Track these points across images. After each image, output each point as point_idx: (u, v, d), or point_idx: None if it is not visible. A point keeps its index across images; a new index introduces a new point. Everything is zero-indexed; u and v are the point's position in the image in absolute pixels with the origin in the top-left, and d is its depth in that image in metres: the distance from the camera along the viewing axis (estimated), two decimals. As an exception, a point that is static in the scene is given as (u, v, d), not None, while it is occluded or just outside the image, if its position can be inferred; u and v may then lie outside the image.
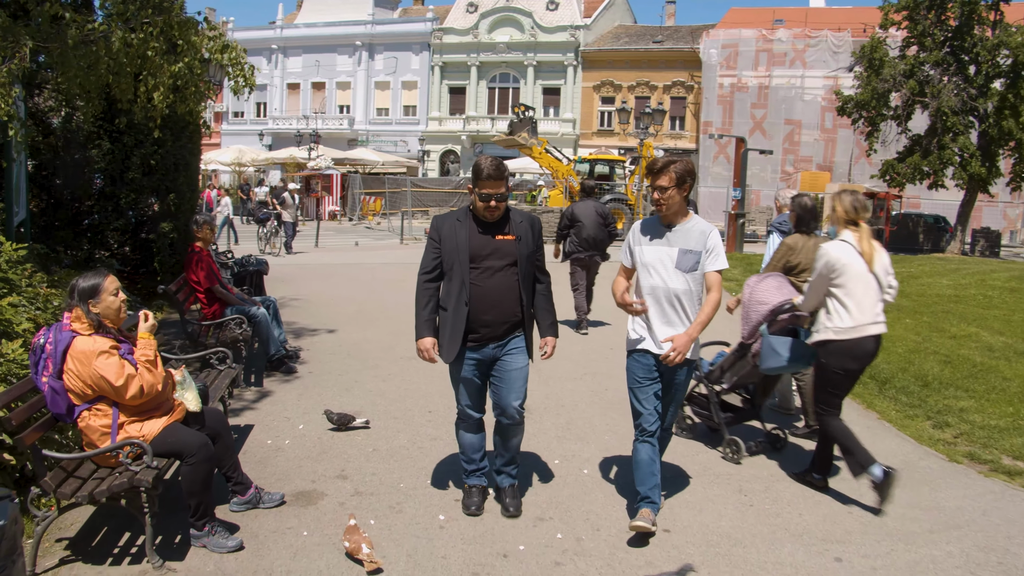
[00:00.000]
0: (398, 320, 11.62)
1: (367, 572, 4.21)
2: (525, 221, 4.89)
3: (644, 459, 4.86)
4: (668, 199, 4.70)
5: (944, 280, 20.84)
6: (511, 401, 4.89)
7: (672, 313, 4.76)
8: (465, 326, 4.75)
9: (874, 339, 5.56)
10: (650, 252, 4.80)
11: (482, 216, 4.77)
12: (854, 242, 5.52)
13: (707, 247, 4.75)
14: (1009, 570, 4.49)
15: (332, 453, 5.98)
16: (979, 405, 8.07)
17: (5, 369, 4.54)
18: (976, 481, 6.02)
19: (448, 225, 4.85)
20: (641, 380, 4.85)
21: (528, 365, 4.97)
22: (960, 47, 31.10)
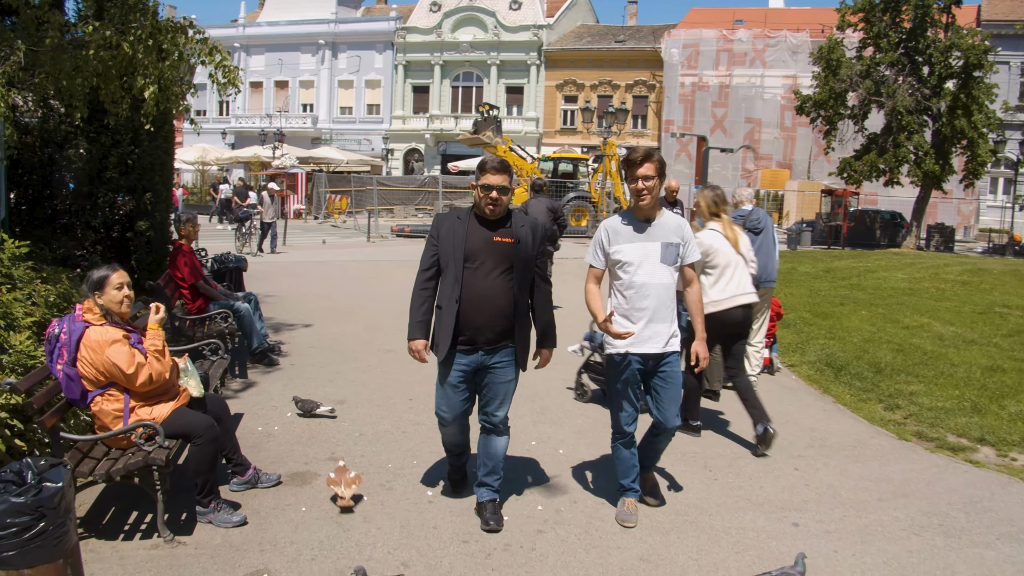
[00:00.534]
0: (372, 315, 11.93)
1: (339, 508, 4.91)
2: (527, 225, 4.82)
3: (625, 456, 4.96)
4: (653, 188, 4.65)
5: (899, 274, 21.48)
6: (496, 411, 4.89)
7: (660, 309, 4.73)
8: (455, 325, 4.68)
9: (742, 308, 6.54)
10: (632, 249, 4.73)
11: (483, 210, 4.70)
12: (720, 230, 6.64)
13: (684, 238, 4.79)
14: (949, 531, 4.92)
15: (321, 438, 6.29)
16: (928, 389, 8.56)
17: (15, 359, 4.79)
18: (923, 456, 6.47)
19: (448, 223, 4.77)
20: (625, 383, 4.82)
21: (516, 379, 4.93)
22: (914, 48, 31.84)
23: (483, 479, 4.99)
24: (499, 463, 4.98)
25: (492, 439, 4.97)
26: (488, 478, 4.97)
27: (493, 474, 4.97)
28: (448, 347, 4.70)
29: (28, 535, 2.67)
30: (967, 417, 7.52)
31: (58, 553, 2.74)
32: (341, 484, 4.88)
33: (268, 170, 42.21)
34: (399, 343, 9.75)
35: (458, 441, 5.14)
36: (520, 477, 5.55)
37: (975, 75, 30.81)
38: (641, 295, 4.73)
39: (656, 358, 4.81)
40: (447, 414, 4.90)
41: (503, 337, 4.78)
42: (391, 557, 4.35)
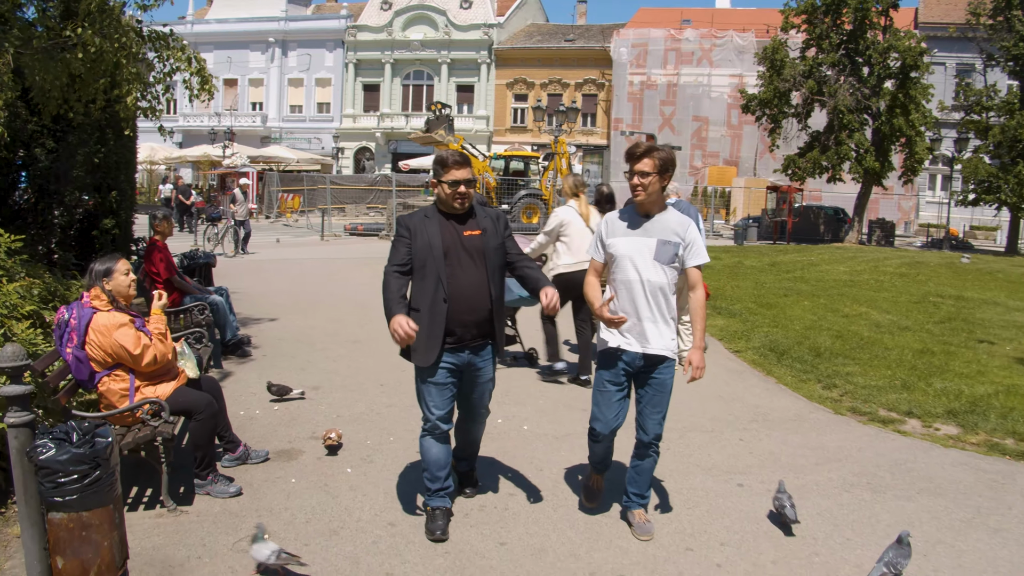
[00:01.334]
0: (334, 309, 12.31)
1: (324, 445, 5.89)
2: (489, 216, 4.81)
3: (600, 452, 4.91)
4: (649, 184, 4.48)
5: (841, 267, 22.33)
6: (479, 404, 4.93)
7: (649, 307, 4.53)
8: (443, 327, 4.56)
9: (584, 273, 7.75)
10: (626, 244, 4.58)
11: (451, 206, 4.63)
12: (576, 207, 8.17)
13: (686, 239, 4.54)
14: (875, 487, 5.51)
15: (301, 420, 6.69)
16: (862, 370, 9.19)
17: (21, 344, 5.13)
18: (856, 428, 7.07)
19: (416, 221, 4.65)
20: (608, 382, 4.69)
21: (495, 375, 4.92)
22: (854, 49, 32.91)
23: (460, 455, 5.20)
24: (477, 444, 5.21)
25: (472, 425, 5.08)
26: (464, 453, 5.22)
27: (470, 447, 5.21)
28: (438, 350, 4.57)
29: (86, 482, 3.07)
30: (897, 394, 8.14)
31: (109, 499, 3.13)
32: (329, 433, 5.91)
33: (218, 169, 42.08)
34: (364, 334, 10.26)
35: (443, 458, 4.77)
36: (489, 450, 5.99)
37: (912, 76, 31.91)
38: (630, 291, 4.56)
39: (645, 359, 4.59)
40: (435, 413, 4.67)
41: (486, 333, 4.74)
42: (378, 518, 4.80)
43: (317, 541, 4.49)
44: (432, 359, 4.58)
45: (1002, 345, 11.25)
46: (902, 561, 4.10)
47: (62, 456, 3.04)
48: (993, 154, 33.34)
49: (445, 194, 4.62)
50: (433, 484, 4.75)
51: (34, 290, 6.54)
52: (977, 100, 34.11)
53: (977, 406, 7.68)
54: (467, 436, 5.13)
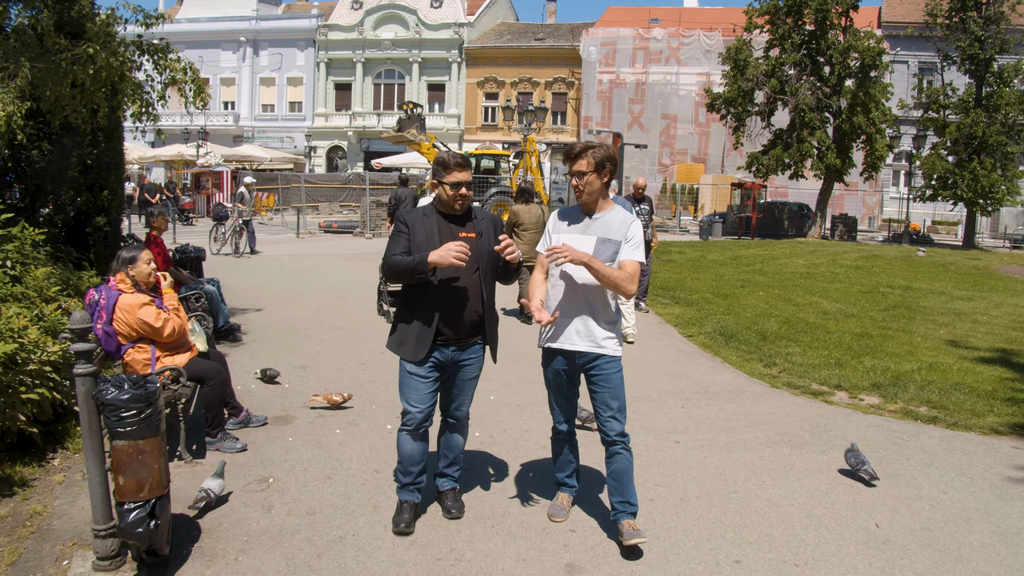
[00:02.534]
0: (315, 300, 13.07)
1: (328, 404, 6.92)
2: (487, 219, 4.86)
3: (560, 452, 4.99)
4: (587, 184, 4.48)
5: (800, 260, 23.30)
6: (460, 407, 4.97)
7: (586, 306, 4.55)
8: (435, 324, 4.64)
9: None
10: (568, 240, 4.53)
11: (451, 207, 4.69)
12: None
13: (627, 236, 4.51)
14: (795, 444, 6.38)
15: (293, 393, 7.49)
16: (802, 351, 10.08)
17: (51, 323, 5.86)
18: (788, 398, 7.96)
19: (415, 218, 4.73)
20: (553, 382, 4.77)
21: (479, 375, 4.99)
22: (816, 49, 33.89)
23: (444, 470, 5.12)
24: (460, 455, 5.11)
25: (454, 435, 5.07)
26: (449, 469, 5.10)
27: (454, 465, 5.10)
28: (429, 346, 4.63)
29: (142, 416, 3.83)
30: (830, 370, 9.03)
31: (157, 432, 3.89)
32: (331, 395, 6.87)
33: (192, 168, 42.50)
34: (344, 322, 11.07)
35: (418, 455, 4.85)
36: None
37: (871, 75, 32.95)
38: (566, 289, 4.58)
39: (582, 357, 4.60)
40: (416, 407, 4.74)
41: (475, 332, 4.80)
42: (364, 467, 5.61)
43: (314, 483, 5.30)
44: (422, 355, 4.64)
45: (936, 329, 12.20)
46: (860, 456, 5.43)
47: (123, 396, 3.82)
48: (950, 151, 34.51)
49: (447, 195, 4.67)
50: (405, 478, 4.86)
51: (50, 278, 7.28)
52: (934, 98, 35.27)
53: (900, 380, 8.59)
54: (449, 442, 5.09)
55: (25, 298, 6.05)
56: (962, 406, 7.67)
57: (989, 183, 32.91)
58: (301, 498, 5.06)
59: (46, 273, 6.67)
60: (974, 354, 10.28)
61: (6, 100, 6.89)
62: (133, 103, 8.24)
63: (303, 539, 4.51)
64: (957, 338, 11.45)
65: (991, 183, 32.94)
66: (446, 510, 4.97)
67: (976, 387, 8.38)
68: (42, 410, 5.46)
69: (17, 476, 5.20)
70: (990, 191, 33.17)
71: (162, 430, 3.95)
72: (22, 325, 5.36)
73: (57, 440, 5.83)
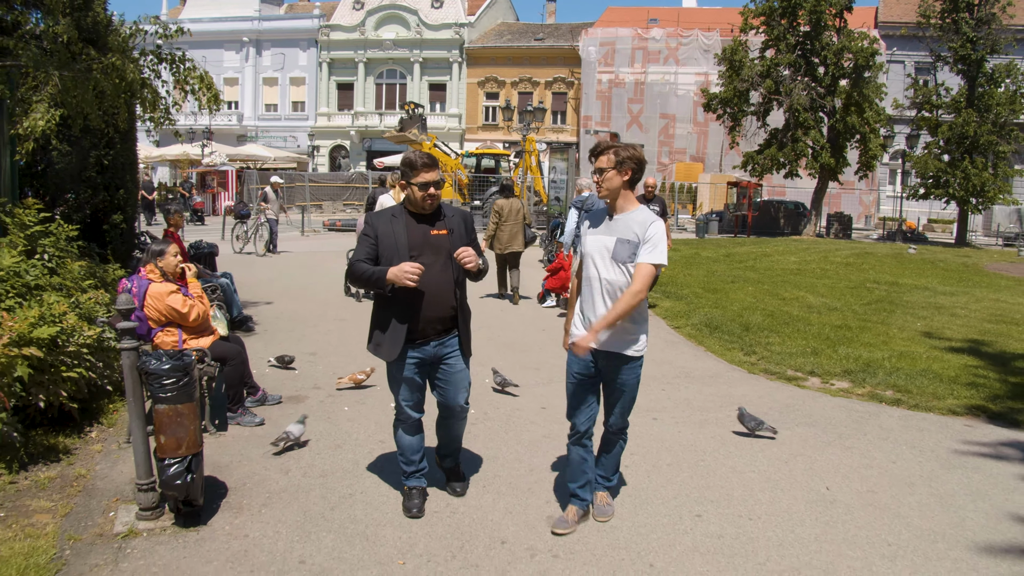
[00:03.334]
0: (320, 295, 13.70)
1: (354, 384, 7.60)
2: (457, 215, 4.94)
3: (575, 459, 4.87)
4: (605, 180, 4.52)
5: (792, 257, 23.85)
6: (458, 400, 5.05)
7: (607, 306, 4.54)
8: (408, 323, 4.73)
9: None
10: (591, 241, 4.64)
11: (420, 207, 4.77)
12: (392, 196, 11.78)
13: (645, 237, 4.49)
14: (766, 416, 6.95)
15: (304, 376, 8.13)
16: (782, 340, 10.67)
17: (86, 310, 6.48)
18: (763, 383, 8.57)
19: (383, 222, 4.80)
20: (576, 377, 4.74)
21: (468, 367, 5.08)
22: (810, 50, 34.46)
23: (443, 452, 5.35)
24: (458, 440, 5.29)
25: (452, 425, 5.21)
26: (451, 454, 5.33)
27: (455, 452, 5.34)
28: (401, 345, 4.75)
29: (180, 384, 4.43)
30: (806, 358, 9.63)
31: (193, 398, 4.50)
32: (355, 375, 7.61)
33: (198, 168, 43.09)
34: (348, 314, 11.71)
35: (415, 445, 5.05)
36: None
37: (865, 75, 33.52)
38: (591, 289, 4.62)
39: (606, 357, 4.65)
40: (406, 403, 4.94)
41: (452, 325, 4.91)
42: (371, 438, 6.24)
43: (326, 452, 5.93)
44: (396, 354, 4.76)
45: (914, 322, 12.78)
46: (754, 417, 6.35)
47: (164, 366, 4.43)
48: (943, 150, 35.10)
49: (415, 196, 4.75)
50: (409, 467, 5.04)
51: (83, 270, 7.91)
52: (927, 98, 35.85)
53: (870, 367, 9.18)
54: (448, 433, 5.23)
55: (62, 288, 6.66)
56: (925, 390, 8.25)
57: (980, 182, 33.53)
58: (315, 463, 5.68)
59: (80, 266, 7.29)
60: (946, 344, 10.86)
61: (41, 109, 7.50)
62: (153, 110, 8.83)
63: (318, 496, 5.14)
64: (933, 330, 12.02)
65: (982, 182, 33.56)
66: (452, 489, 5.22)
67: (941, 373, 8.96)
68: (79, 388, 6.07)
69: (60, 445, 5.81)
70: (981, 190, 33.79)
71: (196, 397, 4.56)
72: (62, 311, 5.97)
73: (92, 416, 6.45)
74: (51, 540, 4.45)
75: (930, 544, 4.73)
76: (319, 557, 4.35)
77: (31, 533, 4.51)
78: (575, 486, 4.87)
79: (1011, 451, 6.50)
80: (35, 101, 7.66)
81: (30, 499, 4.97)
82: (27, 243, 7.01)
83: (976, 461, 6.21)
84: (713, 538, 4.71)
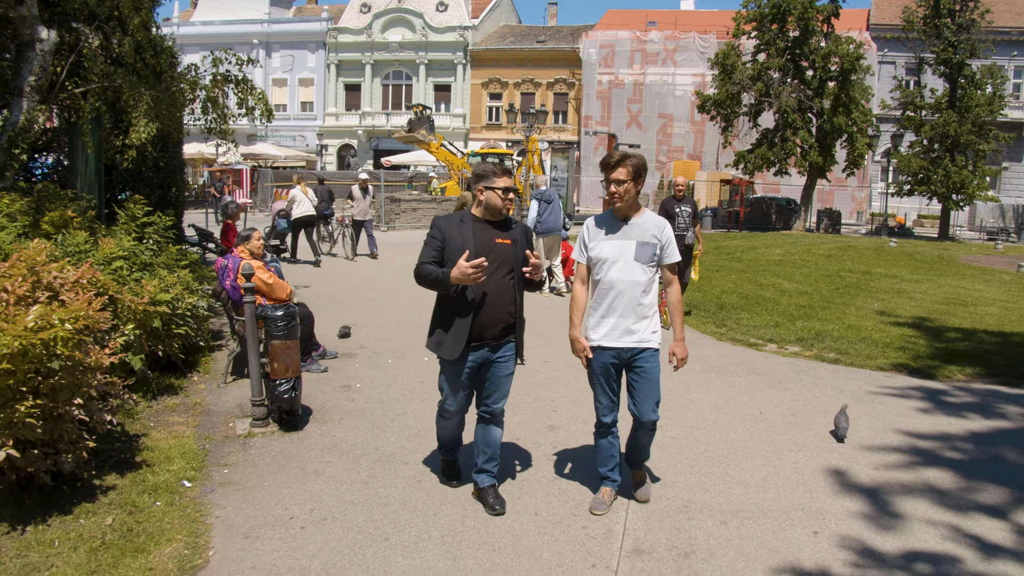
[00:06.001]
0: (349, 280, 15.51)
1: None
2: (519, 228, 5.12)
3: (603, 444, 5.24)
4: (625, 192, 4.81)
5: (777, 250, 25.36)
6: (496, 402, 5.18)
7: (631, 305, 4.88)
8: (469, 325, 4.92)
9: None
10: (608, 246, 4.92)
11: (499, 210, 5.00)
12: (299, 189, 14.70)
13: (662, 240, 4.90)
14: (721, 372, 8.74)
15: (350, 342, 9.93)
16: (750, 317, 12.41)
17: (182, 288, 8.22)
18: (727, 347, 10.33)
19: (451, 225, 4.99)
20: (601, 376, 5.03)
21: (515, 370, 5.24)
22: (799, 54, 36.11)
23: (482, 466, 5.27)
24: (496, 451, 5.27)
25: (491, 428, 5.25)
26: (487, 464, 5.26)
27: (492, 461, 5.26)
28: (463, 345, 4.93)
29: (289, 325, 6.22)
30: (767, 330, 11.37)
31: (296, 336, 6.29)
32: None
33: (213, 167, 44.71)
34: (377, 295, 13.56)
35: (455, 435, 5.42)
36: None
37: (851, 78, 35.16)
38: (614, 291, 4.89)
39: (628, 352, 4.96)
40: (453, 407, 5.18)
41: (507, 333, 5.07)
42: (413, 379, 8.07)
43: (380, 387, 7.77)
44: (457, 353, 4.94)
45: (872, 303, 14.50)
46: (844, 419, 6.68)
47: (279, 313, 6.23)
48: (925, 149, 36.80)
49: (496, 200, 4.97)
50: (446, 452, 5.58)
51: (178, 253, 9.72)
52: (911, 100, 37.53)
53: (820, 335, 10.92)
54: (486, 437, 5.27)
55: (166, 266, 8.44)
56: (861, 352, 10.00)
57: (960, 179, 35.23)
58: (373, 394, 7.50)
59: (177, 249, 9.08)
60: (893, 320, 12.58)
61: (142, 124, 9.29)
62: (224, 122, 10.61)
63: (379, 413, 6.95)
64: (887, 309, 13.73)
65: (962, 179, 35.25)
66: (489, 507, 5.15)
67: (880, 340, 10.70)
68: (184, 343, 7.85)
69: (175, 385, 7.60)
70: (961, 187, 35.46)
71: (298, 335, 6.35)
72: (172, 282, 7.75)
73: (191, 366, 8.25)
74: (192, 440, 6.24)
75: (828, 444, 6.53)
76: (387, 447, 6.17)
77: (177, 435, 6.30)
78: (605, 469, 5.27)
79: (915, 392, 8.26)
80: (134, 117, 9.44)
81: (167, 416, 6.77)
82: (138, 230, 8.80)
83: (883, 398, 7.99)
84: (668, 439, 6.49)
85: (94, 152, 10.90)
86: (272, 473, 5.63)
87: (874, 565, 4.50)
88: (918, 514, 5.18)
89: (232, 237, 11.85)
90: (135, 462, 5.63)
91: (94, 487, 5.14)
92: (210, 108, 10.67)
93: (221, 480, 5.48)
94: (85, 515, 4.78)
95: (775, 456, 6.22)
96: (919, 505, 5.32)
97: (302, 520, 4.91)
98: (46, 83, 9.42)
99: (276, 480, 5.50)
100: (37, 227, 7.98)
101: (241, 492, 5.29)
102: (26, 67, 9.26)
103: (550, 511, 5.17)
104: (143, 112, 9.48)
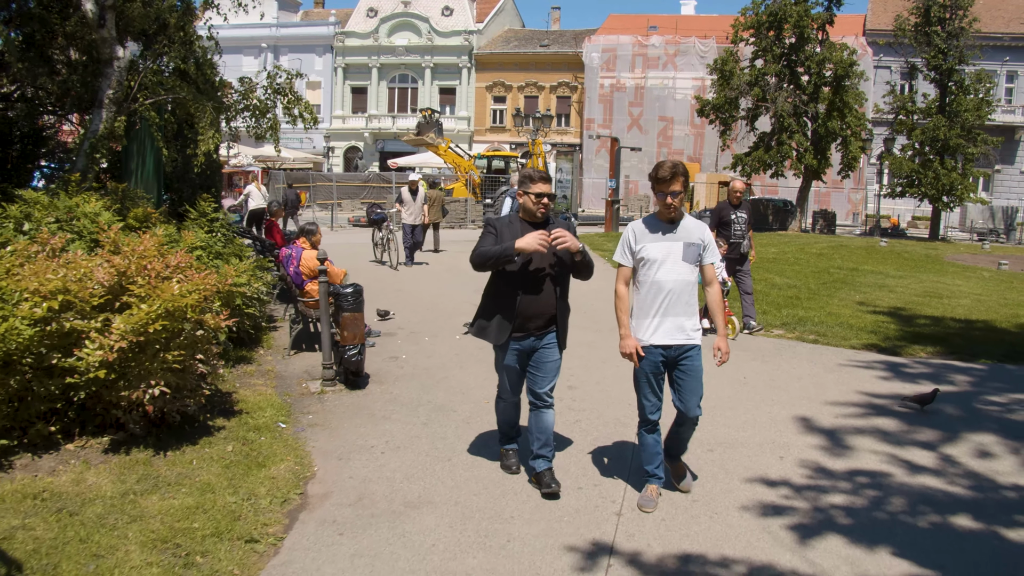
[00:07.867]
0: (372, 273, 16.81)
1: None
2: (562, 226, 5.29)
3: (649, 442, 5.41)
4: (681, 201, 5.08)
5: (772, 249, 26.42)
6: (544, 387, 5.50)
7: (679, 303, 5.12)
8: (513, 315, 5.29)
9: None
10: (657, 248, 5.12)
11: (533, 214, 5.34)
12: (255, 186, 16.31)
13: (704, 240, 5.16)
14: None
15: (389, 324, 11.28)
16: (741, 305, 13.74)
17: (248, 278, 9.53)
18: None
19: (503, 224, 5.40)
20: (650, 375, 5.24)
21: (560, 357, 5.55)
22: (795, 60, 37.39)
23: (539, 452, 5.60)
24: (550, 436, 5.58)
25: (542, 413, 5.57)
26: (543, 450, 5.58)
27: (546, 446, 5.58)
28: (508, 333, 5.34)
29: (357, 299, 7.57)
30: (757, 317, 12.69)
31: (362, 309, 7.64)
32: None
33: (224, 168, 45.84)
34: (403, 287, 14.88)
35: (513, 418, 5.85)
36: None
37: (845, 83, 36.45)
38: (663, 290, 5.09)
39: (677, 349, 5.18)
40: (507, 384, 5.63)
41: (550, 324, 5.42)
42: (449, 351, 9.45)
43: (422, 358, 9.14)
44: (503, 339, 5.37)
45: (855, 295, 15.79)
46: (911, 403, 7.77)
47: (347, 289, 7.59)
48: (916, 152, 38.11)
49: (530, 203, 5.34)
50: (506, 439, 5.99)
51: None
52: (902, 104, 38.84)
53: (802, 321, 12.25)
54: (539, 423, 5.58)
55: (236, 255, 9.79)
56: (838, 334, 11.33)
57: (949, 182, 36.54)
58: (418, 363, 8.88)
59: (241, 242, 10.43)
60: (871, 309, 13.88)
61: (208, 134, 10.62)
62: (275, 131, 11.94)
63: (425, 376, 8.34)
64: (867, 300, 15.01)
65: (951, 182, 36.56)
66: (546, 485, 5.44)
67: (856, 325, 12.03)
68: (252, 321, 9.20)
69: (247, 356, 8.95)
70: (951, 189, 36.78)
71: (363, 308, 7.70)
72: (243, 268, 9.09)
73: (256, 341, 9.59)
74: (275, 396, 7.59)
75: (801, 399, 7.90)
76: (437, 400, 7.55)
77: (261, 393, 7.65)
78: (652, 467, 5.44)
79: (880, 365, 9.61)
80: (201, 127, 10.78)
81: (248, 379, 8.12)
82: (208, 225, 10.15)
83: (851, 369, 9.35)
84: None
85: (153, 156, 12.22)
86: (348, 418, 7.00)
87: (824, 478, 5.87)
88: (865, 447, 6.56)
89: (276, 233, 13.19)
90: (235, 411, 6.98)
91: (209, 427, 6.49)
92: (259, 116, 11.98)
93: (308, 423, 6.85)
94: (209, 445, 6.14)
95: (754, 408, 7.58)
96: (867, 441, 6.70)
97: (380, 448, 6.28)
98: (122, 95, 10.76)
99: (352, 423, 6.87)
100: (123, 222, 9.32)
101: (327, 431, 6.65)
102: (105, 82, 10.61)
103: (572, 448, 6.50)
104: (208, 123, 10.83)
